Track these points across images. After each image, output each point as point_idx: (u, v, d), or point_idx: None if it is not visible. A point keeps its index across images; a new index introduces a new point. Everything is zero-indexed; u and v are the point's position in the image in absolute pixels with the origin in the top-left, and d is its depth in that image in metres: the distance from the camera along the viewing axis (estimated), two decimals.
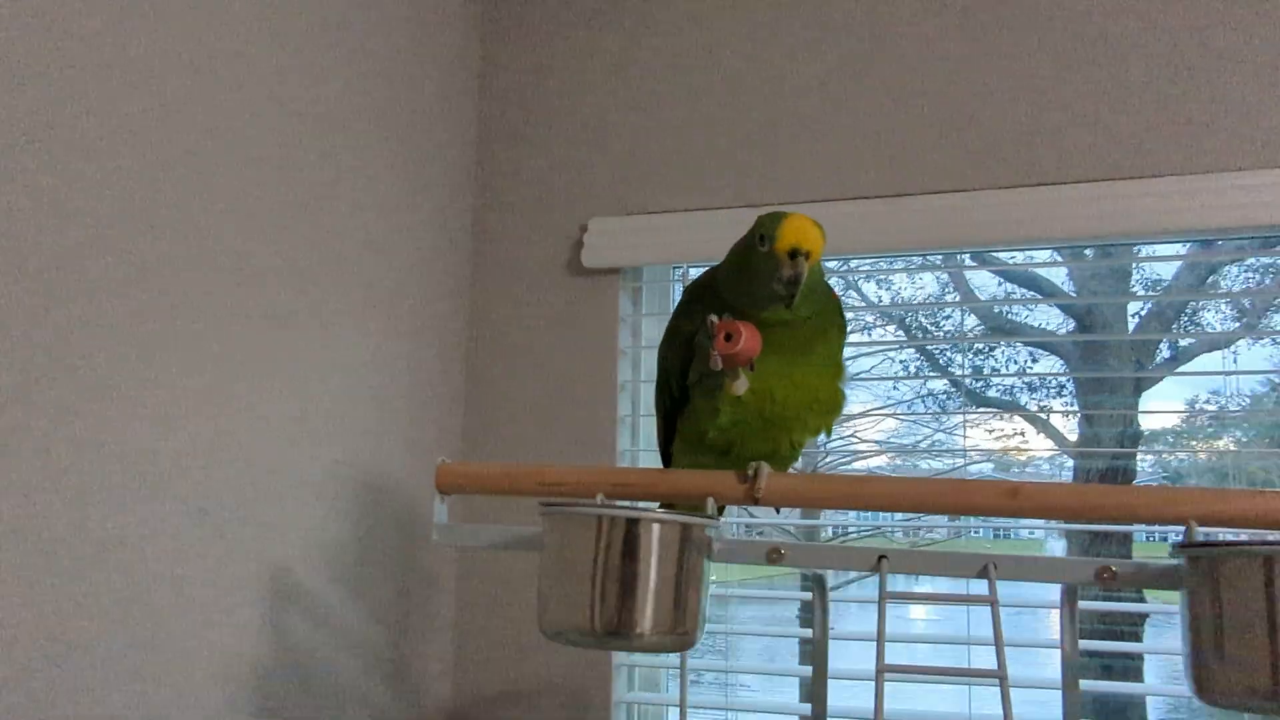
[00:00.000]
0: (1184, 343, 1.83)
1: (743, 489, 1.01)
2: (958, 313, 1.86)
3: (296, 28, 1.38)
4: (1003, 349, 1.93)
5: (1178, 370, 1.81)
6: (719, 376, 1.01)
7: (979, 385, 1.88)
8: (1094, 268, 1.75)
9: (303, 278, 1.39)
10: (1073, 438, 1.86)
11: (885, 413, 1.90)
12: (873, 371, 1.95)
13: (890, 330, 1.96)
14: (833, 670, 1.10)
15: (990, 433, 1.85)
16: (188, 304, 1.19)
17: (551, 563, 0.92)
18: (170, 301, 1.16)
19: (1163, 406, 1.80)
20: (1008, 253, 1.70)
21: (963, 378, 1.81)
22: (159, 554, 1.13)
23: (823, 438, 1.11)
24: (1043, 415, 1.90)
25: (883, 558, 0.94)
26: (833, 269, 1.79)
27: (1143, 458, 1.79)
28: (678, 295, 1.67)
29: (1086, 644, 1.44)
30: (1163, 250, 1.69)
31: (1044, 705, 1.40)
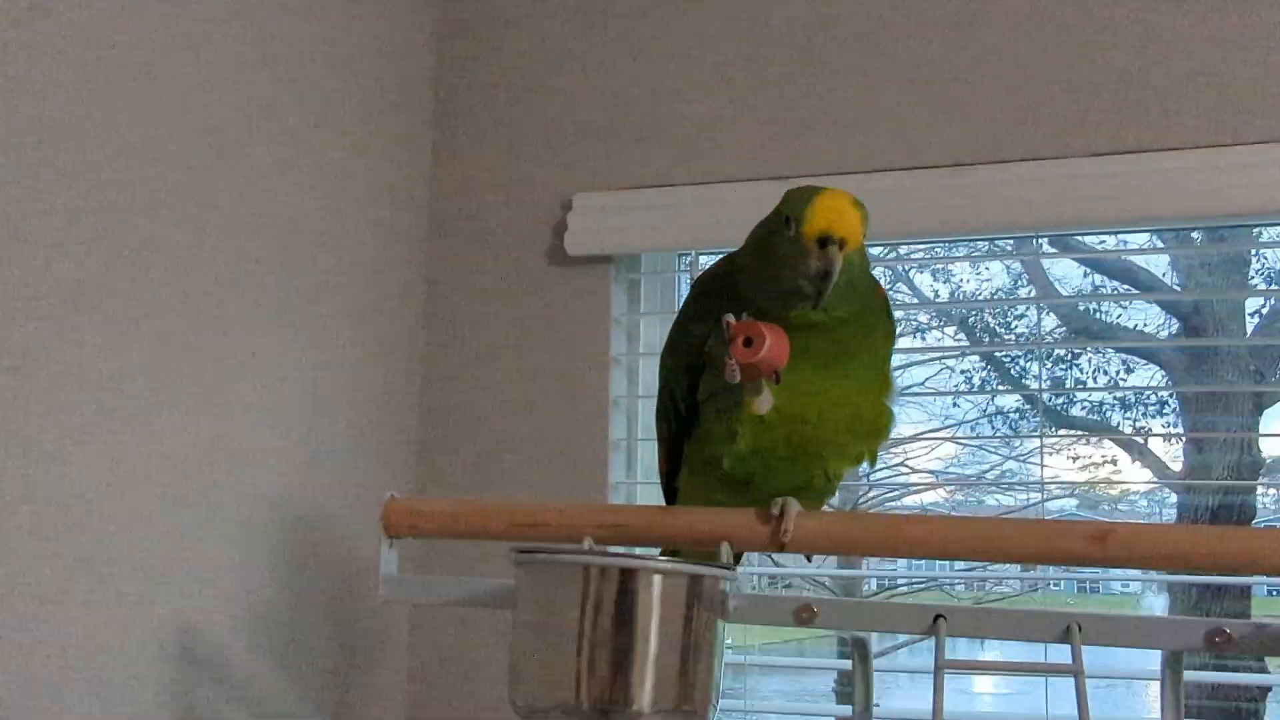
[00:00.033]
0: None
1: (766, 532, 1.01)
2: (1033, 311, 1.86)
3: None
4: (1090, 356, 1.94)
5: None
6: (737, 391, 1.01)
7: (1060, 402, 1.88)
8: (1204, 255, 1.75)
9: (215, 268, 1.39)
10: (1177, 467, 1.86)
11: (943, 435, 1.90)
12: (928, 384, 1.95)
13: (949, 333, 1.97)
14: None
15: (1074, 461, 1.85)
16: (70, 300, 1.19)
17: (527, 623, 0.93)
18: (45, 297, 1.16)
19: None
20: (1096, 236, 1.71)
21: (1040, 392, 1.82)
22: (39, 615, 1.13)
23: (865, 467, 1.10)
24: (1140, 439, 1.91)
25: (940, 617, 0.94)
26: (878, 257, 1.80)
27: (1264, 492, 1.79)
28: (685, 290, 1.68)
29: None
30: None
31: None
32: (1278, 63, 1.51)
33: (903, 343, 1.83)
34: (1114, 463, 1.88)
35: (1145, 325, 1.90)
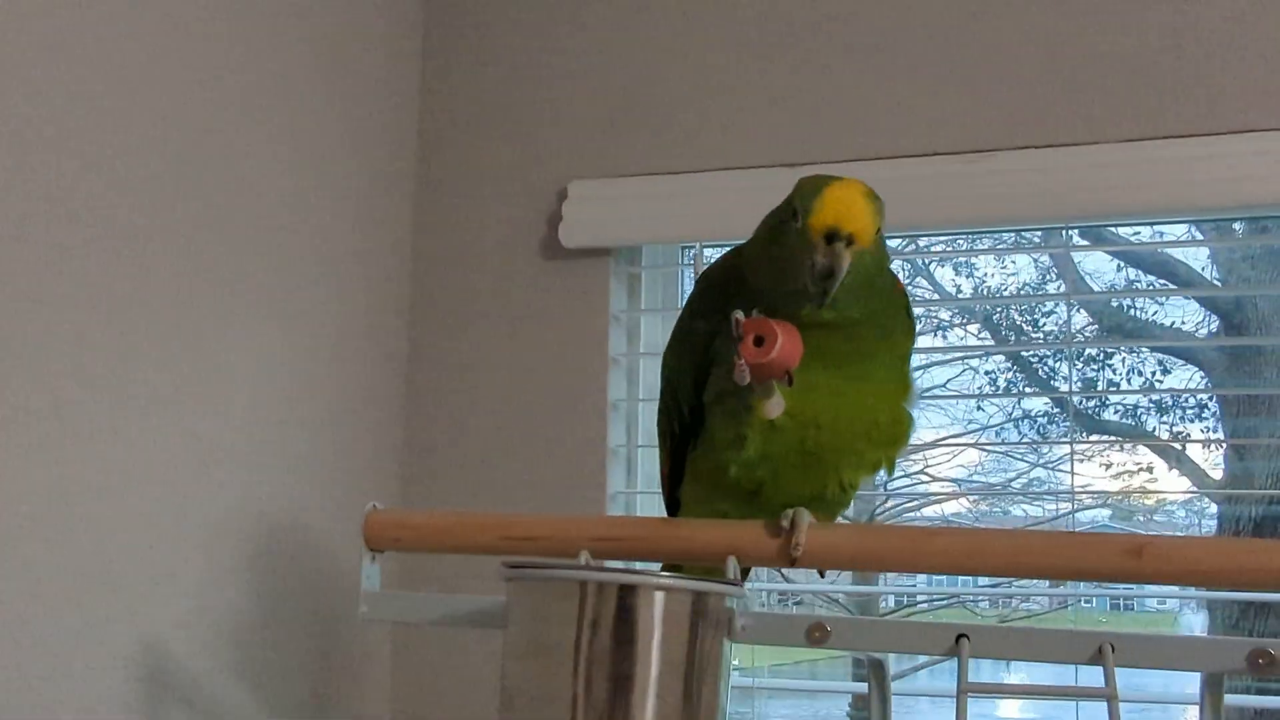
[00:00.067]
0: None
1: (776, 545, 1.00)
2: (1063, 307, 1.86)
3: None
4: (1123, 356, 1.94)
5: None
6: (745, 394, 1.01)
7: (1091, 405, 1.88)
8: (1246, 247, 1.75)
9: (187, 263, 1.39)
10: (1217, 475, 1.86)
11: (966, 441, 1.90)
12: (949, 386, 1.96)
13: (973, 331, 1.97)
14: None
15: (1106, 469, 1.85)
16: (29, 296, 1.19)
17: (519, 644, 0.92)
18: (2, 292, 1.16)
19: None
20: (1130, 228, 1.71)
21: (1070, 394, 1.81)
22: None
23: (882, 475, 1.10)
24: (1177, 445, 1.91)
25: (962, 637, 0.94)
26: (897, 249, 1.80)
27: None
28: (689, 284, 1.68)
29: None
30: None
31: None
32: None
33: (923, 342, 1.83)
34: (1149, 470, 1.88)
35: (1183, 323, 1.90)
